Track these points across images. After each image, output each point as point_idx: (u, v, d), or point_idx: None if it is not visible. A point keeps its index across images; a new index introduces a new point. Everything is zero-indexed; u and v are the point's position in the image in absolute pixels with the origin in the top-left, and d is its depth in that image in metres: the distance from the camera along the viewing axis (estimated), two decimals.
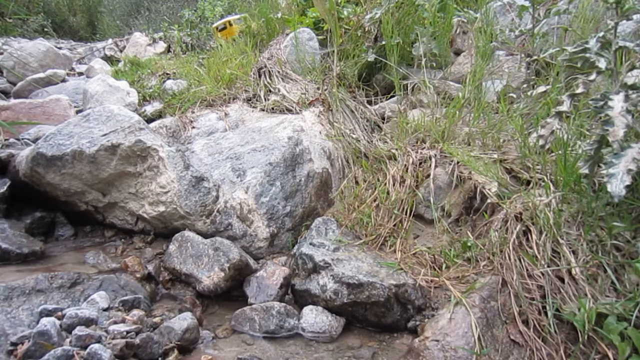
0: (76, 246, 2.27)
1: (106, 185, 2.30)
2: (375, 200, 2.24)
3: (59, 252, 2.17)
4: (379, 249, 2.05)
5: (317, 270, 1.87)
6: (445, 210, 2.14)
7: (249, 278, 1.96)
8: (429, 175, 2.22)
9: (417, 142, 2.48)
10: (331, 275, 1.81)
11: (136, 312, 1.63)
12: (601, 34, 1.62)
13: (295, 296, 1.95)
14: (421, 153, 2.36)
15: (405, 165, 2.31)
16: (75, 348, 1.35)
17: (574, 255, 1.59)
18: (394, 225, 2.13)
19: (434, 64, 3.01)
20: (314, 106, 2.91)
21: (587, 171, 1.57)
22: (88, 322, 1.49)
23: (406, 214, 2.16)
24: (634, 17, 1.72)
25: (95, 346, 1.34)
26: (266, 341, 1.70)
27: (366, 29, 3.30)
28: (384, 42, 3.04)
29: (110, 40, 8.97)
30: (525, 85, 2.55)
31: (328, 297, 1.78)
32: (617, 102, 1.43)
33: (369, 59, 3.13)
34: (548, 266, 1.58)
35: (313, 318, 1.76)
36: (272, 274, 1.93)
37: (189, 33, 6.18)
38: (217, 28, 4.93)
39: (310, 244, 2.02)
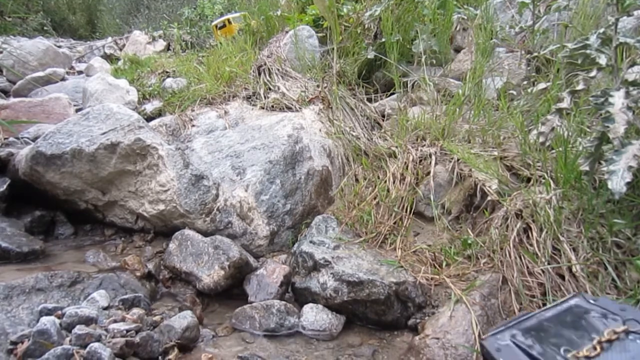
0: (76, 245, 2.27)
1: (106, 184, 2.30)
2: (375, 198, 2.24)
3: (58, 251, 2.17)
4: (379, 246, 2.05)
5: (317, 268, 1.86)
6: (445, 207, 2.13)
7: (249, 276, 1.96)
8: (429, 173, 2.22)
9: (417, 140, 2.47)
10: (331, 273, 1.80)
11: (136, 311, 1.63)
12: (602, 31, 1.62)
13: (295, 294, 1.95)
14: (421, 150, 2.35)
15: (406, 162, 2.31)
16: (75, 347, 1.35)
17: (575, 252, 1.58)
18: (394, 223, 2.13)
19: (434, 61, 3.00)
20: (313, 104, 2.91)
21: (587, 168, 1.56)
22: (88, 320, 1.49)
23: (406, 212, 2.16)
24: (635, 13, 1.71)
25: (95, 345, 1.34)
26: (266, 339, 1.70)
27: (366, 26, 3.29)
28: (383, 40, 3.03)
29: (109, 39, 8.96)
30: (525, 82, 2.54)
31: (328, 295, 1.78)
32: (618, 99, 1.42)
33: (368, 57, 3.12)
34: (548, 263, 1.58)
35: (313, 316, 1.76)
36: (272, 272, 1.93)
37: (188, 31, 6.18)
38: (216, 26, 4.93)
39: (311, 242, 2.02)
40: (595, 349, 0.65)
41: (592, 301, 0.77)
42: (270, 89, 3.14)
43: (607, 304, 0.75)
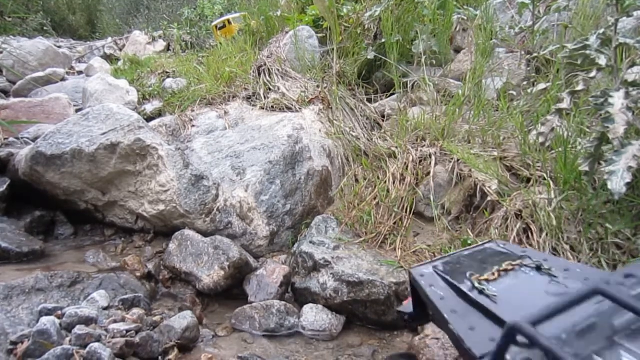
0: (76, 245, 2.27)
1: (106, 184, 2.30)
2: (375, 199, 2.24)
3: (58, 251, 2.17)
4: (379, 247, 2.05)
5: (317, 269, 1.87)
6: (445, 208, 2.13)
7: (249, 276, 1.96)
8: (429, 173, 2.22)
9: (417, 140, 2.47)
10: (331, 274, 1.80)
11: (136, 311, 1.63)
12: (601, 31, 1.62)
13: (295, 294, 1.95)
14: (421, 151, 2.35)
15: (406, 163, 2.31)
16: (75, 347, 1.35)
17: (574, 253, 1.59)
18: (394, 224, 2.13)
19: (434, 62, 3.00)
20: (313, 104, 2.91)
21: (587, 169, 1.56)
22: (88, 321, 1.49)
23: (406, 212, 2.16)
24: (635, 13, 1.71)
25: (95, 345, 1.34)
26: (266, 340, 1.70)
27: (366, 26, 3.29)
28: (383, 40, 3.03)
29: (109, 39, 8.96)
30: (525, 83, 2.54)
31: (328, 295, 1.78)
32: (618, 99, 1.42)
33: (368, 57, 3.12)
34: None
35: (313, 316, 1.76)
36: (272, 272, 1.93)
37: (188, 31, 6.17)
38: (216, 27, 4.93)
39: (311, 242, 2.02)
40: (494, 275, 0.82)
41: (502, 245, 0.95)
42: (270, 89, 3.14)
43: (513, 248, 0.94)
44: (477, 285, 0.79)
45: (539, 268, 0.83)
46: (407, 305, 0.94)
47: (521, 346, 0.60)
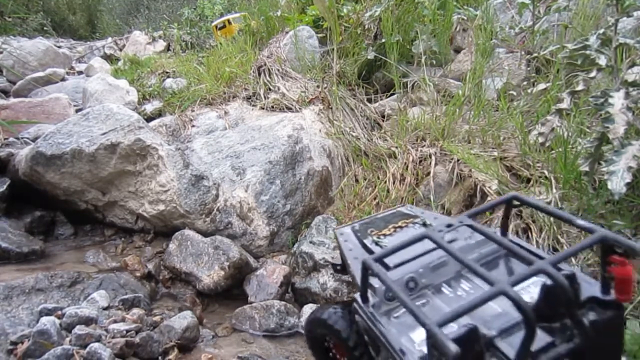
0: (76, 245, 2.27)
1: (106, 184, 2.30)
2: (375, 199, 2.24)
3: (58, 251, 2.17)
4: None
5: (317, 269, 1.87)
6: (445, 208, 2.13)
7: (249, 276, 1.96)
8: (429, 173, 2.22)
9: (417, 140, 2.47)
10: (331, 274, 1.81)
11: (136, 311, 1.63)
12: (601, 31, 1.62)
13: (295, 294, 1.95)
14: (421, 151, 2.35)
15: (405, 163, 2.31)
16: (75, 347, 1.35)
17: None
18: None
19: (434, 62, 3.00)
20: (313, 104, 2.91)
21: (587, 169, 1.56)
22: (88, 321, 1.49)
23: None
24: (635, 13, 1.71)
25: (95, 345, 1.34)
26: (266, 340, 1.70)
27: (366, 26, 3.29)
28: (383, 40, 3.03)
29: (109, 39, 8.97)
30: (525, 83, 2.54)
31: (328, 295, 1.78)
32: (618, 99, 1.42)
33: (368, 57, 3.12)
34: None
35: None
36: (272, 272, 1.93)
37: (188, 31, 6.18)
38: (216, 27, 4.93)
39: (311, 242, 2.02)
40: (389, 230, 1.01)
41: (409, 208, 1.14)
42: (270, 89, 3.14)
43: (416, 210, 1.13)
44: (375, 239, 0.99)
45: (424, 224, 1.03)
46: (338, 258, 1.15)
47: (372, 275, 0.79)
